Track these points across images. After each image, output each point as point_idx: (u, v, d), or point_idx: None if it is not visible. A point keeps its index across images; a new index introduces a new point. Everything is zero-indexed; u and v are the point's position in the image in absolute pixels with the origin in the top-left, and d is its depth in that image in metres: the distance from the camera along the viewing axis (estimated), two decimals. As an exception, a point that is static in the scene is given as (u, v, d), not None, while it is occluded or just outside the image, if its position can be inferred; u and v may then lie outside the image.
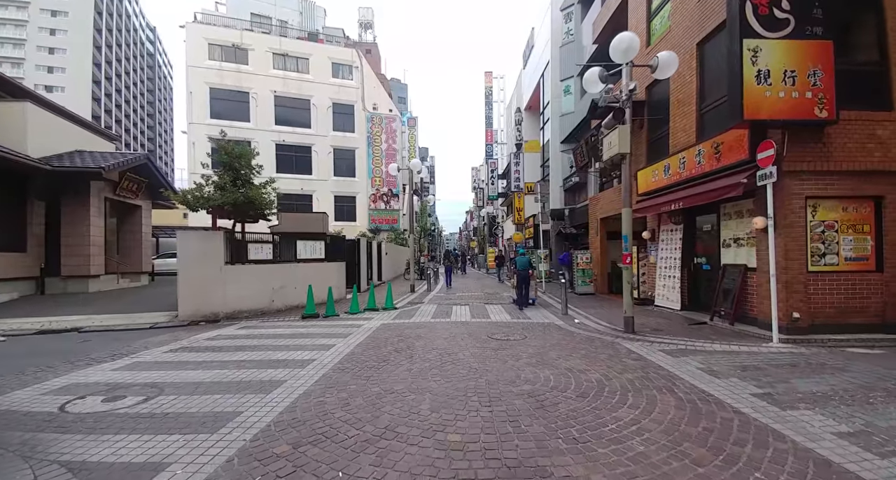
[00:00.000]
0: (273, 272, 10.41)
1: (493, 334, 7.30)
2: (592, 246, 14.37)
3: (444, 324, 8.37)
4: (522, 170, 31.28)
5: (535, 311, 10.18)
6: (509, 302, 12.29)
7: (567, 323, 8.40)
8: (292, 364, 5.54)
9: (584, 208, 17.43)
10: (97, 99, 73.18)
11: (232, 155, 9.45)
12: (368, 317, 9.44)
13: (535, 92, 26.96)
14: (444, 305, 11.45)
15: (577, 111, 17.42)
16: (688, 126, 8.91)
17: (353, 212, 31.32)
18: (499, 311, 10.20)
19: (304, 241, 11.25)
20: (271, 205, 10.52)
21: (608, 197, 13.13)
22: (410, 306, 11.39)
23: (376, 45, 49.48)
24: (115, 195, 15.79)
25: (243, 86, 28.68)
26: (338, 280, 12.29)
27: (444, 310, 10.38)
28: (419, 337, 7.07)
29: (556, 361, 5.47)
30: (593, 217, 14.41)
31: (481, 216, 46.63)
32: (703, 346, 6.26)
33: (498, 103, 44.05)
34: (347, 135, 30.88)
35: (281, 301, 10.53)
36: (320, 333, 7.66)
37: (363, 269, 15.23)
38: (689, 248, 9.09)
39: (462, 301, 12.50)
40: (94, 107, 71.80)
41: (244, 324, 8.83)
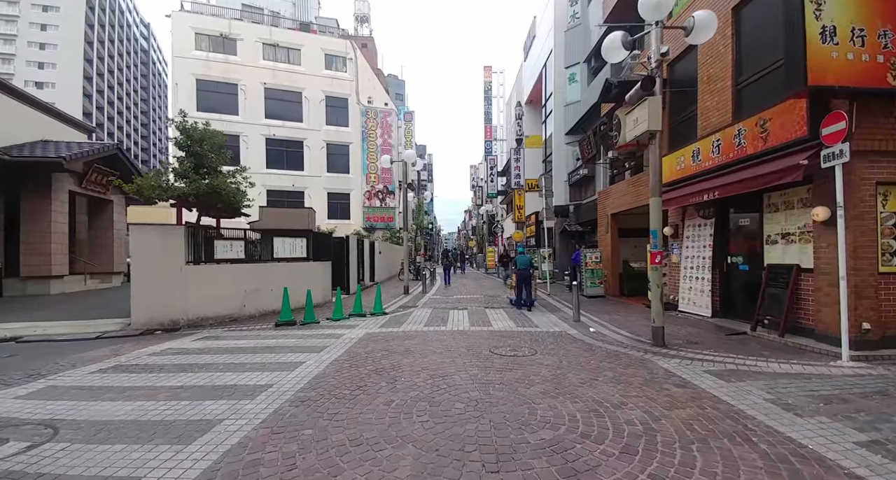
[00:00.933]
0: (245, 273, 9.18)
1: (496, 347, 6.08)
2: (602, 245, 13.17)
3: (438, 335, 7.15)
4: (523, 166, 30.11)
5: (541, 317, 8.96)
6: (509, 305, 11.11)
7: (581, 333, 7.18)
8: (241, 392, 4.32)
9: (590, 204, 16.23)
10: (88, 95, 71.81)
11: (193, 137, 8.20)
12: (352, 325, 8.22)
13: (537, 84, 25.77)
14: (440, 309, 10.24)
15: (583, 100, 16.23)
16: (721, 104, 7.71)
17: (347, 209, 30.08)
18: (501, 317, 8.99)
19: (284, 238, 10.03)
20: (242, 197, 9.25)
21: (620, 190, 11.93)
22: (402, 311, 10.17)
23: (372, 39, 48.23)
24: (83, 189, 14.54)
25: (231, 77, 27.42)
26: (322, 281, 11.07)
27: (440, 316, 9.17)
28: (408, 352, 5.85)
29: (580, 388, 4.26)
30: (603, 212, 13.22)
31: (480, 214, 45.44)
32: (758, 366, 5.05)
33: (497, 98, 42.84)
34: (341, 130, 29.63)
35: (255, 305, 9.30)
36: (291, 346, 6.43)
37: (352, 270, 14.00)
38: (722, 246, 7.90)
39: (460, 304, 11.28)
40: (86, 104, 70.43)
41: (206, 334, 7.60)
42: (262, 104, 27.92)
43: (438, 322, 8.43)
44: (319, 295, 10.81)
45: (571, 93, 17.09)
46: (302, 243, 10.36)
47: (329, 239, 11.91)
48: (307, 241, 10.49)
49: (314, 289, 10.52)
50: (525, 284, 10.29)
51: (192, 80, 26.98)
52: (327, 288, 11.35)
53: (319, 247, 11.15)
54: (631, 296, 12.05)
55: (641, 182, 10.61)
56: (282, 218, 12.98)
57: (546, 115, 23.71)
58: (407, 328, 7.82)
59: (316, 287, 10.65)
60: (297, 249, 10.26)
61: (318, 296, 10.77)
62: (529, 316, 9.26)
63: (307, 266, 10.55)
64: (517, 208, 30.61)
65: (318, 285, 10.78)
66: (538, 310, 10.08)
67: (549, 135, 21.86)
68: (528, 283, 10.34)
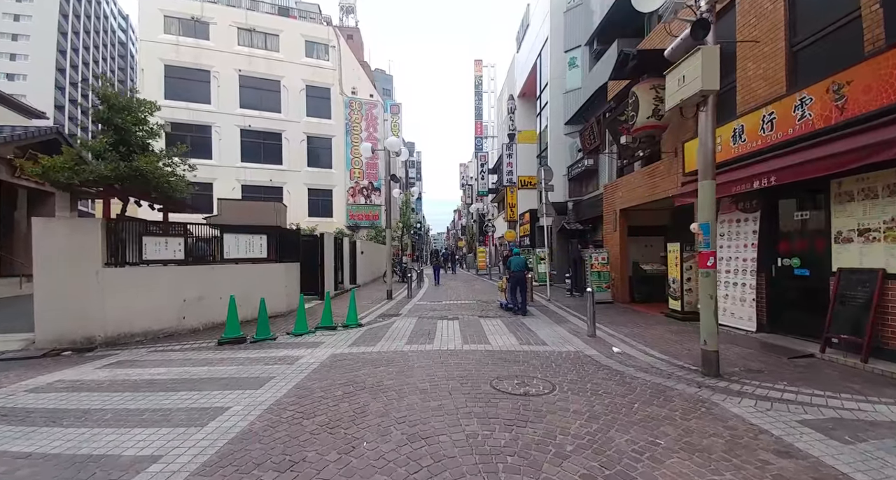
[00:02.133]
0: (186, 277, 7.48)
1: (499, 379, 4.54)
2: (609, 244, 11.76)
3: (422, 357, 5.58)
4: (515, 162, 28.81)
5: (547, 329, 7.46)
6: (504, 312, 9.64)
7: (603, 354, 5.70)
8: (111, 471, 2.70)
9: (592, 200, 14.84)
10: (61, 87, 68.62)
11: (114, 106, 6.50)
12: (316, 342, 6.60)
13: (531, 75, 24.37)
14: (427, 320, 8.67)
15: (584, 87, 14.85)
16: (771, 71, 6.31)
17: (330, 206, 28.31)
18: (499, 330, 7.46)
19: (238, 235, 8.34)
20: (181, 185, 7.54)
21: (632, 182, 10.52)
22: (382, 321, 8.58)
23: (358, 30, 46.38)
24: (16, 178, 12.62)
25: (203, 63, 25.46)
26: (288, 286, 9.40)
27: (426, 329, 7.60)
28: (379, 389, 4.28)
29: (640, 465, 2.74)
30: (610, 208, 11.80)
31: (470, 213, 43.98)
32: (865, 411, 3.61)
33: (488, 94, 41.49)
34: (323, 122, 27.83)
35: (198, 317, 7.62)
36: (225, 378, 4.81)
37: (328, 272, 12.34)
38: (770, 245, 6.50)
39: (450, 312, 9.73)
40: (58, 96, 67.31)
41: (123, 357, 5.91)
42: (237, 92, 26.01)
43: (423, 337, 6.86)
44: (283, 303, 9.15)
45: (571, 80, 15.70)
46: (261, 241, 8.69)
47: (297, 236, 10.24)
48: (268, 239, 8.81)
49: (277, 296, 8.88)
50: (521, 288, 9.31)
51: (161, 66, 25.02)
52: (294, 293, 9.69)
53: (286, 246, 9.49)
54: (642, 303, 10.65)
55: (659, 172, 9.21)
56: (245, 212, 11.31)
57: (541, 108, 22.33)
58: (384, 346, 6.23)
59: (278, 293, 8.99)
60: (256, 248, 8.58)
61: (282, 304, 9.12)
62: (531, 327, 7.76)
63: (268, 268, 8.89)
64: (509, 206, 29.21)
65: (282, 291, 9.12)
66: (539, 319, 8.60)
67: (545, 127, 20.48)
68: (523, 287, 9.38)
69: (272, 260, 8.96)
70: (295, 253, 9.89)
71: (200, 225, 8.05)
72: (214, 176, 25.25)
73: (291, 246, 9.76)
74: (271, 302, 8.77)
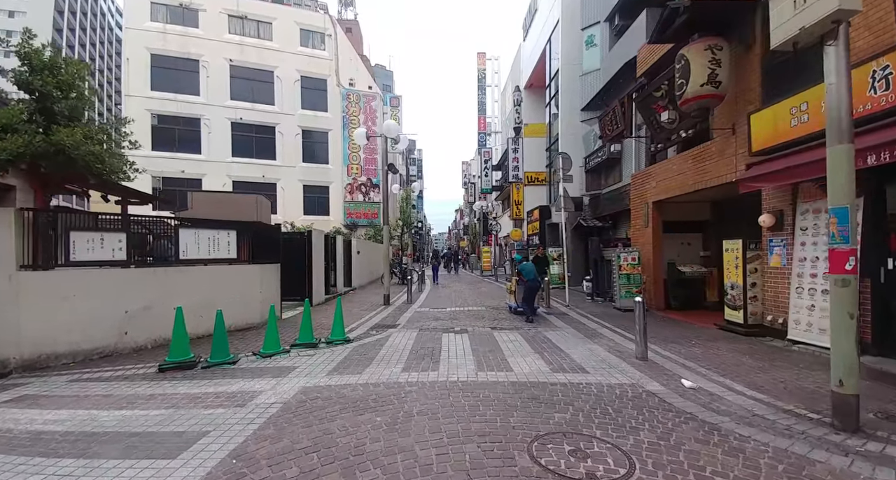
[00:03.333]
0: (128, 282, 6.01)
1: (541, 444, 3.04)
2: (638, 242, 10.24)
3: (424, 395, 4.08)
4: (522, 157, 27.28)
5: (578, 346, 5.95)
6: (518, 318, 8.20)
7: (671, 389, 4.19)
8: None
9: (613, 193, 13.36)
10: (55, 84, 67.06)
11: (35, 66, 5.08)
12: (288, 367, 5.12)
13: (540, 63, 22.89)
14: (429, 333, 7.18)
15: (604, 68, 13.35)
16: (877, 17, 4.81)
17: (326, 204, 26.87)
18: (520, 348, 5.96)
19: (198, 230, 6.86)
20: (119, 165, 6.07)
21: (670, 169, 9.00)
22: (375, 334, 7.09)
23: (357, 23, 44.97)
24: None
25: (192, 52, 24.06)
26: (264, 291, 7.92)
27: (428, 347, 6.10)
28: (358, 462, 2.78)
29: None
30: (640, 200, 10.29)
31: (473, 211, 42.48)
32: None
33: (492, 88, 39.95)
34: (319, 115, 26.37)
35: (145, 332, 6.14)
36: (137, 433, 3.32)
37: (316, 274, 10.86)
38: (877, 241, 4.98)
39: (457, 322, 8.24)
40: (51, 93, 65.85)
41: (29, 390, 4.44)
42: (228, 83, 24.60)
43: (425, 360, 5.37)
44: (258, 313, 7.66)
45: (589, 60, 14.20)
46: (229, 238, 7.20)
47: (276, 233, 8.75)
48: (238, 236, 7.33)
49: (249, 304, 7.39)
50: (534, 295, 8.67)
51: (147, 55, 23.66)
52: (274, 299, 8.21)
53: (262, 245, 8.01)
54: (680, 310, 9.14)
55: (709, 154, 7.70)
56: (221, 206, 9.85)
57: (551, 97, 20.84)
58: (374, 375, 4.73)
59: (251, 300, 7.51)
60: (222, 246, 7.09)
61: (256, 314, 7.63)
62: (558, 343, 6.26)
63: (238, 271, 7.41)
64: (515, 204, 27.67)
65: (256, 298, 7.63)
66: (564, 332, 7.10)
67: (555, 117, 18.96)
68: (535, 294, 8.73)
69: (244, 260, 7.47)
70: (274, 253, 8.40)
71: (147, 217, 6.58)
72: (203, 171, 23.82)
73: (270, 245, 8.28)
74: (241, 312, 7.30)
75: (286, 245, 10.38)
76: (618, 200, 12.66)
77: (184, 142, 23.92)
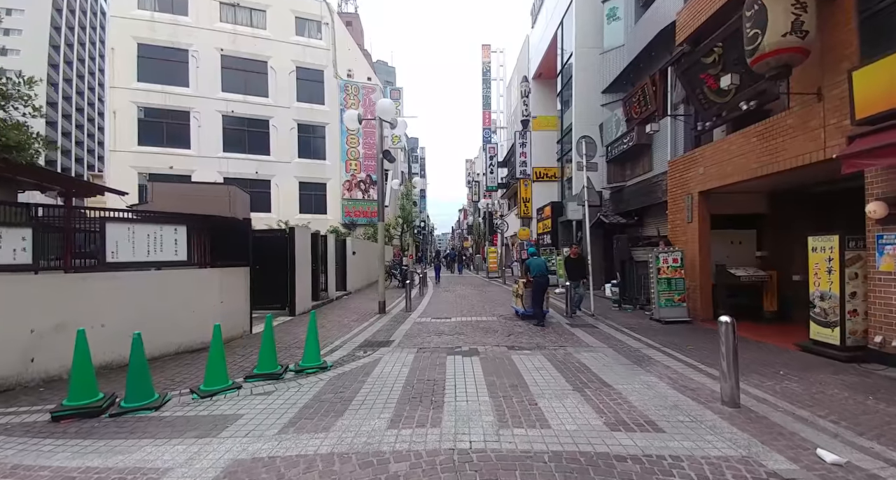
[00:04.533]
0: (36, 293, 4.53)
1: None
2: (678, 240, 8.67)
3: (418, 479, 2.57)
4: (530, 152, 25.76)
5: (630, 379, 4.41)
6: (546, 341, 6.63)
7: (804, 465, 2.66)
8: None
9: (640, 185, 11.80)
10: (54, 83, 66.76)
11: None
12: (226, 417, 3.61)
13: (550, 49, 21.38)
14: (430, 354, 5.66)
15: (629, 43, 11.80)
16: None
17: (323, 202, 25.45)
18: (552, 382, 4.43)
19: (133, 225, 5.37)
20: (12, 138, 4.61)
21: (725, 151, 7.37)
22: (362, 357, 5.58)
23: (358, 16, 43.54)
24: None
25: (181, 42, 22.75)
26: (228, 301, 6.42)
27: (428, 380, 4.58)
28: None
29: None
30: (680, 191, 8.71)
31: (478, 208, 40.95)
32: None
33: (497, 81, 38.41)
34: (315, 108, 24.95)
35: (58, 358, 4.65)
36: None
37: (301, 278, 9.37)
38: None
39: (464, 338, 6.71)
40: (51, 93, 65.43)
41: None
42: (219, 74, 23.25)
43: (424, 403, 3.85)
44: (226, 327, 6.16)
45: (611, 36, 12.63)
46: (176, 235, 5.70)
47: (245, 228, 7.20)
48: (189, 232, 5.82)
49: (203, 317, 5.89)
50: (543, 295, 8.07)
51: (133, 45, 22.37)
52: (238, 312, 6.72)
53: (226, 244, 6.52)
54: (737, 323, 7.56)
55: (783, 129, 6.12)
56: (188, 200, 8.44)
57: (563, 84, 19.28)
58: (347, 435, 3.21)
59: (206, 313, 5.99)
60: (168, 246, 5.60)
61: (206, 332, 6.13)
62: (599, 372, 4.74)
63: (189, 276, 5.91)
64: (523, 201, 26.12)
65: (214, 310, 6.11)
66: (602, 353, 5.56)
67: (567, 102, 17.39)
68: (544, 294, 8.14)
69: (198, 263, 5.97)
70: (241, 254, 6.89)
71: (63, 208, 5.11)
72: (192, 167, 22.46)
73: (236, 244, 6.78)
74: (193, 329, 5.81)
75: (264, 244, 8.92)
76: (646, 193, 11.08)
77: (172, 137, 22.61)
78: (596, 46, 15.66)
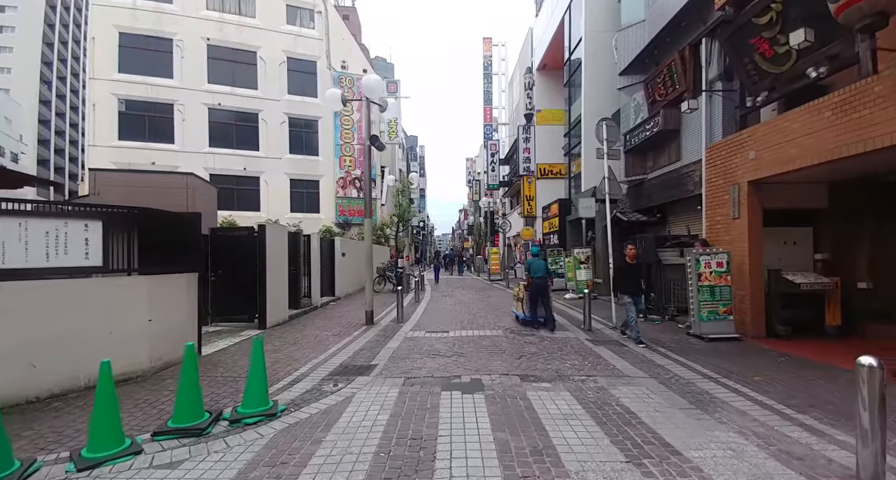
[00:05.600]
0: None
1: None
2: (720, 240, 7.29)
3: None
4: (533, 148, 24.48)
5: (696, 433, 3.07)
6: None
7: None
8: None
9: (664, 178, 10.44)
10: (47, 81, 65.74)
11: None
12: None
13: (556, 36, 20.06)
14: (419, 389, 4.30)
15: (651, 17, 10.45)
16: None
17: (316, 200, 24.13)
18: (592, 441, 3.09)
19: (28, 220, 4.02)
20: None
21: (786, 130, 5.95)
22: (328, 392, 4.21)
23: (355, 9, 42.28)
24: None
25: (165, 30, 21.45)
26: (163, 319, 5.04)
27: (412, 437, 3.23)
28: None
29: None
30: (723, 181, 7.32)
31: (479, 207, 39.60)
32: None
33: (499, 76, 37.05)
34: (308, 101, 23.59)
35: None
36: None
37: (273, 285, 8.00)
38: None
39: (464, 363, 5.35)
40: (44, 91, 64.45)
41: None
42: (205, 65, 21.95)
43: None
44: (145, 353, 4.80)
45: (629, 11, 11.31)
46: (87, 233, 4.34)
47: (192, 224, 5.80)
48: (106, 230, 4.46)
49: (125, 341, 4.52)
50: (543, 297, 7.66)
51: (115, 34, 21.08)
52: (178, 330, 5.36)
53: (165, 245, 5.16)
54: (790, 340, 6.21)
55: (868, 98, 4.76)
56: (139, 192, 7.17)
57: (570, 73, 17.93)
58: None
59: (129, 335, 4.61)
60: (74, 248, 4.24)
61: (143, 355, 4.76)
62: (646, 418, 3.39)
63: (106, 287, 4.55)
64: (526, 199, 24.82)
65: (140, 330, 4.74)
66: (636, 382, 4.21)
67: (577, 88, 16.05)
68: (545, 296, 7.72)
69: (118, 270, 4.61)
70: (187, 257, 5.53)
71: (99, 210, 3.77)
72: (176, 163, 21.07)
73: (178, 244, 5.41)
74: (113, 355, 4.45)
75: (229, 245, 7.59)
76: (673, 186, 9.72)
77: (155, 131, 21.32)
78: (607, 29, 14.36)
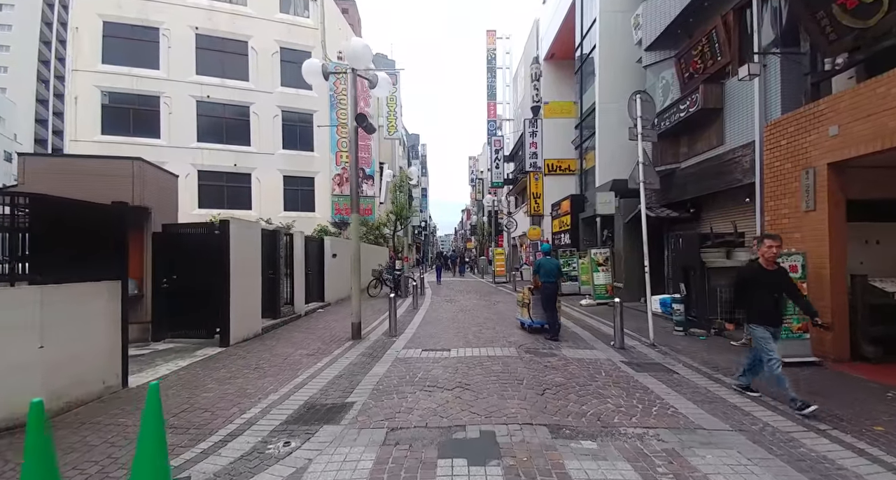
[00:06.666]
0: None
1: None
2: (790, 238, 5.91)
3: None
4: (541, 142, 23.10)
5: None
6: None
7: None
8: None
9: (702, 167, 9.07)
10: (45, 80, 65.11)
11: None
12: None
13: (566, 22, 18.74)
14: (405, 453, 2.97)
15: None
16: None
17: (311, 198, 22.87)
18: None
19: None
20: None
21: (874, 99, 4.65)
22: (270, 461, 2.88)
23: (354, 3, 41.03)
24: None
25: (151, 19, 20.30)
26: (62, 344, 3.73)
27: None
28: None
29: None
30: (790, 164, 5.93)
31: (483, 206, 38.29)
32: None
33: (503, 70, 35.73)
34: (301, 93, 22.29)
35: None
36: None
37: (240, 293, 6.67)
38: None
39: (470, 409, 4.01)
40: (41, 90, 63.73)
41: None
42: (193, 56, 20.76)
43: None
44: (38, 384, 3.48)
45: (655, -22, 9.94)
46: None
47: (116, 217, 4.46)
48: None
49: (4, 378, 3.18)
50: (552, 302, 6.95)
51: (99, 23, 19.94)
52: (88, 359, 4.04)
53: (70, 245, 3.84)
54: (880, 363, 4.84)
55: None
56: (71, 180, 5.92)
57: (583, 60, 16.56)
58: None
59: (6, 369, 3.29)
60: None
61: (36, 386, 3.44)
62: None
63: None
64: (533, 197, 23.44)
65: (27, 363, 3.42)
66: (717, 439, 2.88)
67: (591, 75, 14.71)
68: (554, 301, 7.01)
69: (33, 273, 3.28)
70: (104, 260, 4.20)
71: None
72: (163, 159, 19.71)
73: (90, 244, 4.09)
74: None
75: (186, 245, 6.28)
76: (714, 175, 8.32)
77: (140, 125, 20.12)
78: (624, 9, 13.05)
